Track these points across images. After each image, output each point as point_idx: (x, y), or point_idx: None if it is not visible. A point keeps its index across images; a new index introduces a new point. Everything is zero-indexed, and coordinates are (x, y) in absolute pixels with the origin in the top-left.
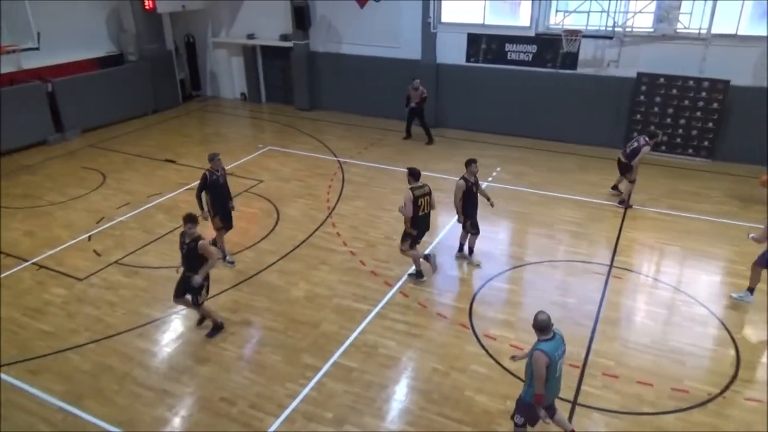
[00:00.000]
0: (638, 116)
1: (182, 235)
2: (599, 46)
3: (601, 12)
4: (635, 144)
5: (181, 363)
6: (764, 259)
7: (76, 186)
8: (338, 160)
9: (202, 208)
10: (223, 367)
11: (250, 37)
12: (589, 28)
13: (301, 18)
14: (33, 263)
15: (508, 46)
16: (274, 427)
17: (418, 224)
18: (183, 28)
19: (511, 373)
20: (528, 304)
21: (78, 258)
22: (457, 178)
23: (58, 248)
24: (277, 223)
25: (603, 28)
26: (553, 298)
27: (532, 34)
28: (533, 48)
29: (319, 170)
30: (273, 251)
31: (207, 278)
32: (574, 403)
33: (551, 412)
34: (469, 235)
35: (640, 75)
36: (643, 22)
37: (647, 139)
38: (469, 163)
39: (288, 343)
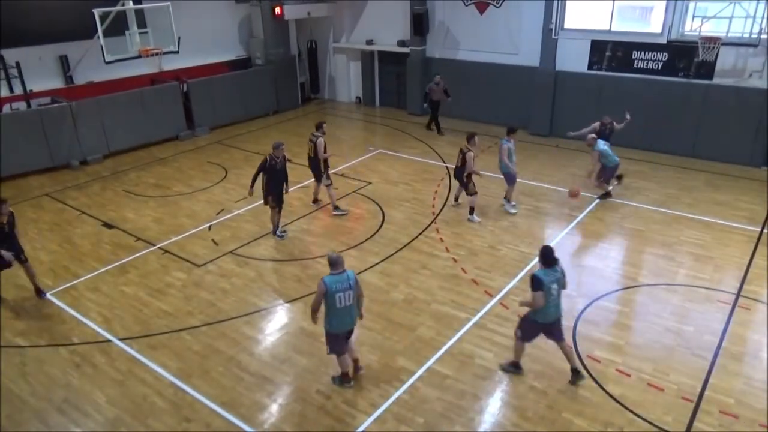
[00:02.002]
0: None
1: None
2: (741, 55)
3: (746, 17)
4: None
5: (282, 353)
6: None
7: (201, 179)
8: (446, 166)
9: (251, 186)
10: (321, 360)
11: (369, 42)
12: (730, 35)
13: (420, 24)
14: (159, 248)
15: (635, 54)
16: (365, 425)
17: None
18: (307, 34)
19: (615, 400)
20: (639, 329)
21: (198, 245)
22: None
23: (182, 235)
24: (382, 225)
25: (746, 35)
26: (667, 324)
27: (663, 41)
28: (664, 56)
29: (426, 175)
30: (376, 252)
31: None
32: None
33: (340, 344)
34: (471, 196)
35: None
36: None
37: None
38: (473, 136)
39: (384, 345)
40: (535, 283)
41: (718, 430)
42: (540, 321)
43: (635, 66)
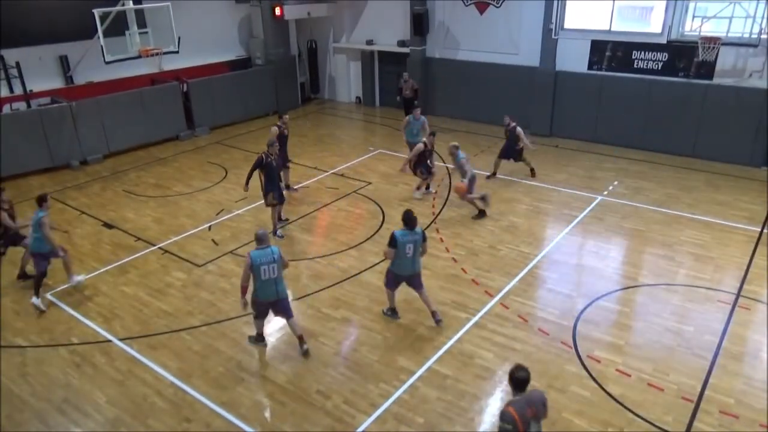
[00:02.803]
0: None
1: None
2: (741, 55)
3: (746, 17)
4: None
5: (282, 353)
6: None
7: (201, 179)
8: (446, 166)
9: (246, 183)
10: (321, 361)
11: (369, 42)
12: (730, 35)
13: (420, 24)
14: (159, 248)
15: (635, 54)
16: (365, 425)
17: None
18: (307, 34)
19: (616, 400)
20: (639, 329)
21: (198, 245)
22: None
23: (182, 235)
24: (382, 225)
25: (746, 35)
26: (667, 324)
27: (663, 41)
28: (664, 56)
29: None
30: (376, 252)
31: None
32: None
33: (262, 311)
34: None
35: None
36: None
37: None
38: (433, 134)
39: (385, 344)
40: (391, 240)
41: (718, 430)
42: (396, 272)
43: (635, 66)
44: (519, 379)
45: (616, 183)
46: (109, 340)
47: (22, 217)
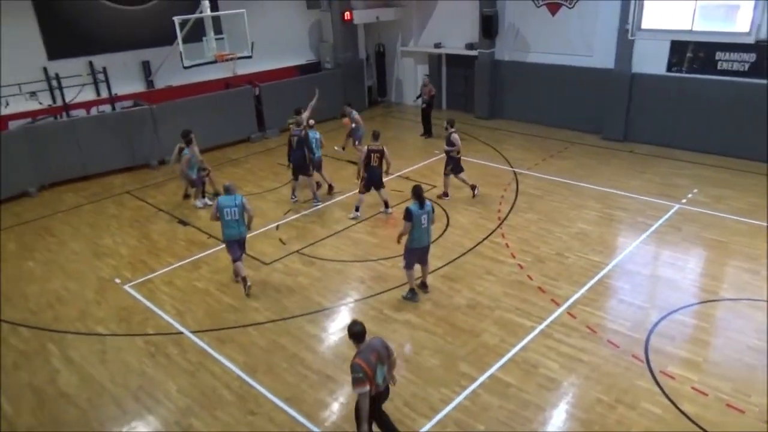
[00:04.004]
0: None
1: None
2: None
3: None
4: None
5: (344, 352)
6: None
7: (270, 180)
8: (514, 171)
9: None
10: None
11: (437, 46)
12: None
13: (489, 26)
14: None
15: (719, 54)
16: (425, 428)
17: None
18: (375, 38)
19: (690, 419)
20: (718, 345)
21: (266, 244)
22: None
23: (251, 234)
24: (446, 229)
25: None
26: (749, 341)
27: (751, 40)
28: (751, 57)
29: (492, 179)
30: (440, 256)
31: None
32: None
33: (233, 250)
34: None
35: None
36: None
37: None
38: (378, 136)
39: (446, 349)
40: (407, 214)
41: None
42: (416, 247)
43: (719, 68)
44: (356, 333)
45: (695, 191)
46: (181, 332)
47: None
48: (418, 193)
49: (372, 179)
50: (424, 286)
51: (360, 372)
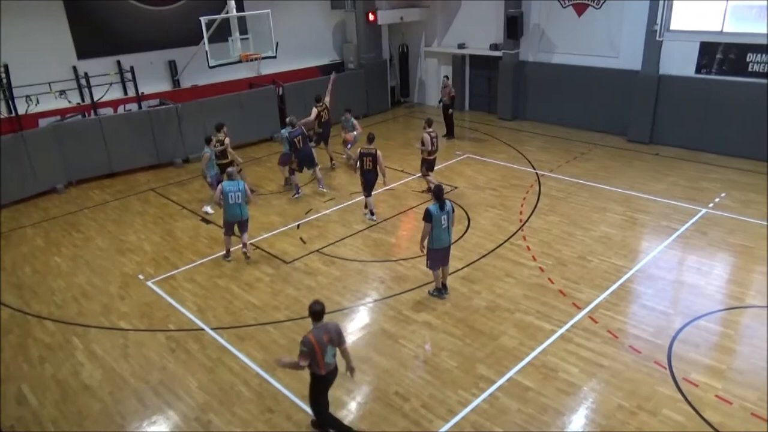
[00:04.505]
0: None
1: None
2: None
3: None
4: None
5: (362, 352)
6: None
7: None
8: (536, 172)
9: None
10: (400, 362)
11: (461, 46)
12: None
13: (514, 27)
14: (251, 243)
15: (750, 56)
16: (442, 430)
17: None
18: (398, 39)
19: (713, 428)
20: (744, 353)
21: (286, 243)
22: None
23: (272, 232)
24: (467, 231)
25: None
26: None
27: None
28: None
29: (514, 181)
30: (460, 257)
31: None
32: None
33: (229, 228)
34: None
35: None
36: None
37: None
38: (372, 140)
39: (465, 351)
40: (426, 215)
41: None
42: (437, 247)
43: (750, 69)
44: (315, 311)
45: (723, 195)
46: (202, 329)
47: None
48: (438, 194)
49: (367, 183)
50: (444, 287)
51: (307, 347)
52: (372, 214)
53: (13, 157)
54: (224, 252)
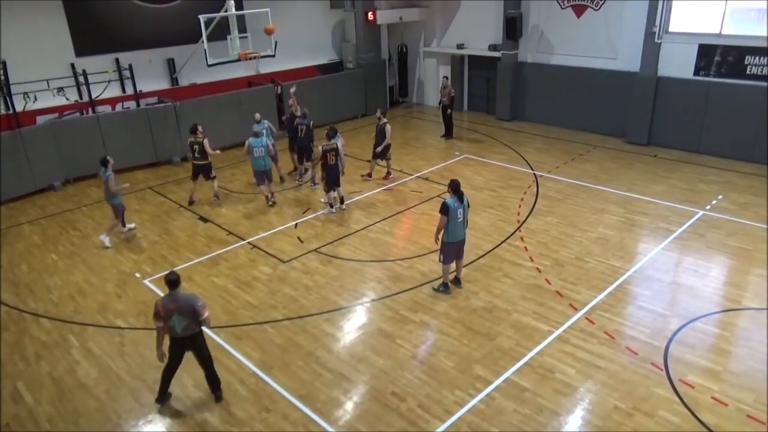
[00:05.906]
0: None
1: None
2: None
3: None
4: None
5: (359, 352)
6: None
7: (290, 179)
8: (534, 173)
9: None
10: (397, 362)
11: (460, 47)
12: None
13: (513, 28)
14: (248, 242)
15: (748, 59)
16: (438, 430)
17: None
18: (398, 38)
19: (709, 429)
20: (740, 355)
21: (284, 242)
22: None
23: (270, 232)
24: None
25: None
26: None
27: None
28: None
29: (513, 182)
30: None
31: None
32: None
33: (260, 178)
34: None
35: None
36: None
37: None
38: (335, 134)
39: (462, 351)
40: (443, 208)
41: None
42: (452, 241)
43: (748, 72)
44: (169, 280)
45: (720, 197)
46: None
47: (127, 209)
48: (455, 188)
49: (330, 177)
50: (457, 281)
51: (154, 309)
52: (332, 207)
53: (10, 154)
54: (267, 195)
